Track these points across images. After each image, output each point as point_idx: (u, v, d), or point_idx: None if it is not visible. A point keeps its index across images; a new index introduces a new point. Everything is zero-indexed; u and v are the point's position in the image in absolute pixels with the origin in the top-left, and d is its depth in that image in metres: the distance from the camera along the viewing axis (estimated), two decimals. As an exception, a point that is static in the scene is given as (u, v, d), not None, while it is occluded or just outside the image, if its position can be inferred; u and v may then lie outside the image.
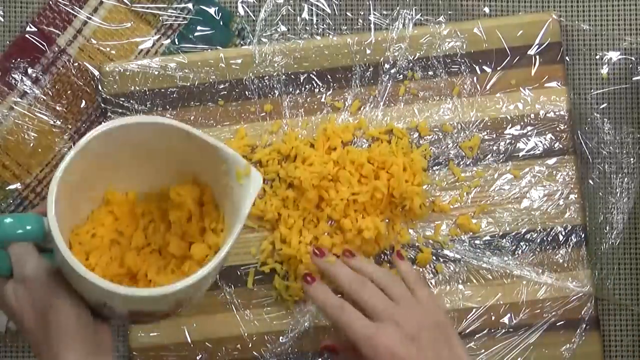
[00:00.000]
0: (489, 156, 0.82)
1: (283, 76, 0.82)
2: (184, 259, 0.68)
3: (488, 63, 0.83)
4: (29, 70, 0.84)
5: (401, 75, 0.83)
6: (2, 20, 0.85)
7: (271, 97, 0.82)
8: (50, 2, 0.85)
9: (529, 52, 0.82)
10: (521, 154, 0.82)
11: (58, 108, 0.84)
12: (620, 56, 0.85)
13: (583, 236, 0.81)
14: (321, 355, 0.80)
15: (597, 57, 0.85)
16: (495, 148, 0.82)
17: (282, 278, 0.80)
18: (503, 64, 0.82)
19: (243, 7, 0.85)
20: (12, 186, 0.83)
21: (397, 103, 0.82)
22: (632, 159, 0.83)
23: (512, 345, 0.79)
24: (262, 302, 0.80)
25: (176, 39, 0.85)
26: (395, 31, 0.83)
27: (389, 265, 0.80)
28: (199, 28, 0.85)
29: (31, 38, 0.84)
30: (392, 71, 0.83)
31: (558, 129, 0.82)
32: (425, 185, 0.81)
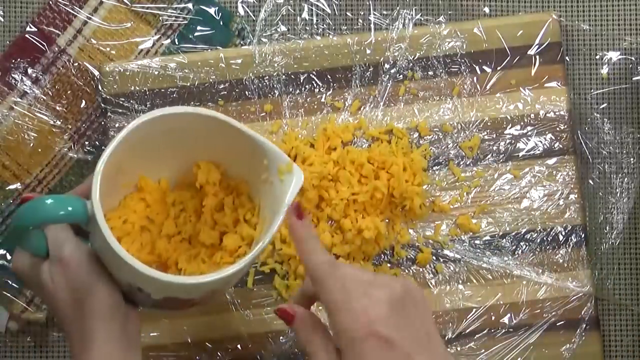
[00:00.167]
0: (489, 156, 0.82)
1: (283, 76, 0.82)
2: (214, 249, 0.68)
3: (488, 63, 0.82)
4: (29, 70, 0.84)
5: (401, 75, 0.83)
6: (2, 20, 0.85)
7: (271, 97, 0.82)
8: (50, 2, 0.85)
9: (529, 52, 0.82)
10: (521, 154, 0.82)
11: (58, 108, 0.84)
12: (620, 56, 0.85)
13: (583, 236, 0.81)
14: None
15: (597, 57, 0.85)
16: (495, 148, 0.82)
17: (282, 278, 0.80)
18: (503, 64, 0.82)
19: (243, 7, 0.85)
20: (12, 186, 0.83)
21: (397, 103, 0.82)
22: (632, 159, 0.83)
23: (512, 345, 0.79)
24: (262, 302, 0.80)
25: (176, 39, 0.85)
26: (395, 31, 0.83)
27: (389, 265, 0.80)
28: (199, 28, 0.85)
29: (31, 38, 0.84)
30: (392, 71, 0.83)
31: (558, 129, 0.82)
32: (425, 185, 0.81)
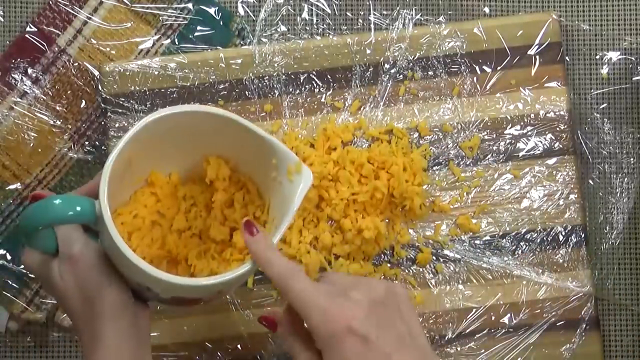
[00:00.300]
0: (489, 156, 0.82)
1: (283, 76, 0.82)
2: (224, 245, 0.68)
3: (488, 63, 0.82)
4: (29, 70, 0.84)
5: (401, 75, 0.83)
6: (2, 20, 0.85)
7: (271, 97, 0.82)
8: (50, 2, 0.85)
9: (529, 52, 0.82)
10: (521, 154, 0.82)
11: (58, 108, 0.84)
12: (620, 56, 0.85)
13: (583, 236, 0.81)
14: None
15: (597, 57, 0.85)
16: (495, 148, 0.82)
17: (282, 278, 0.80)
18: (503, 64, 0.82)
19: (243, 7, 0.85)
20: (12, 186, 0.83)
21: (397, 103, 0.82)
22: (632, 159, 0.83)
23: (512, 345, 0.79)
24: (262, 302, 0.80)
25: (176, 39, 0.85)
26: (395, 31, 0.83)
27: (389, 265, 0.80)
28: (199, 28, 0.85)
29: (31, 38, 0.84)
30: (392, 71, 0.83)
31: (558, 129, 0.82)
32: (425, 185, 0.81)
